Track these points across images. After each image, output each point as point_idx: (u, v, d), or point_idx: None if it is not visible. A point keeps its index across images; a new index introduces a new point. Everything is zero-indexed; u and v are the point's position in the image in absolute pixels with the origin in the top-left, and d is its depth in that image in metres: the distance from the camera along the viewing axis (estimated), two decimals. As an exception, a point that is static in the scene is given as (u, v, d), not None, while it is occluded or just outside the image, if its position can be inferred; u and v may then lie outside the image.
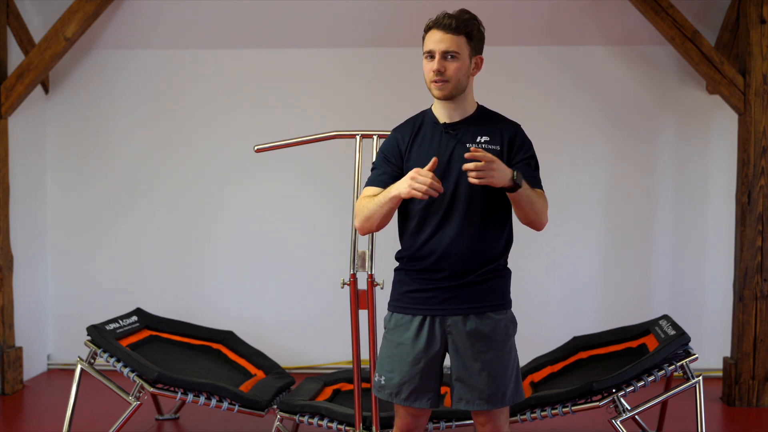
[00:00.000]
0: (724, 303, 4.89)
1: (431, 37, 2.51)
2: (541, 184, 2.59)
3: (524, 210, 2.48)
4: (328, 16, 4.88)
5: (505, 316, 2.58)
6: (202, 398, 3.46)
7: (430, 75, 2.51)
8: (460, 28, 2.49)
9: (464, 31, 2.50)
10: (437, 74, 2.49)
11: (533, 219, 2.51)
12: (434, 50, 2.49)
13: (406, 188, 2.38)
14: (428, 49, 2.51)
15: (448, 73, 2.49)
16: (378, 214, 2.50)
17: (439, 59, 2.49)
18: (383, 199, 2.47)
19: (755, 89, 4.37)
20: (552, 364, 3.93)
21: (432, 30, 2.51)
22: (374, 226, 2.54)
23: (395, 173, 2.57)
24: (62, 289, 5.24)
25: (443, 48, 2.48)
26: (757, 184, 4.39)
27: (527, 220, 2.52)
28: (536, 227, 2.55)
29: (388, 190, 2.47)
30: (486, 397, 2.52)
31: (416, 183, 2.36)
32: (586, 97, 5.06)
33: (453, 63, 2.49)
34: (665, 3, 4.36)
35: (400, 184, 2.42)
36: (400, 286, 2.63)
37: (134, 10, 4.87)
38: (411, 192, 2.37)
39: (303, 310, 5.15)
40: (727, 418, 4.28)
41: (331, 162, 4.85)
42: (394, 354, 2.58)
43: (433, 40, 2.50)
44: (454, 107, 2.57)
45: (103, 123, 5.19)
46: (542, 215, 2.52)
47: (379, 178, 2.58)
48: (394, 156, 2.59)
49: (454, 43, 2.49)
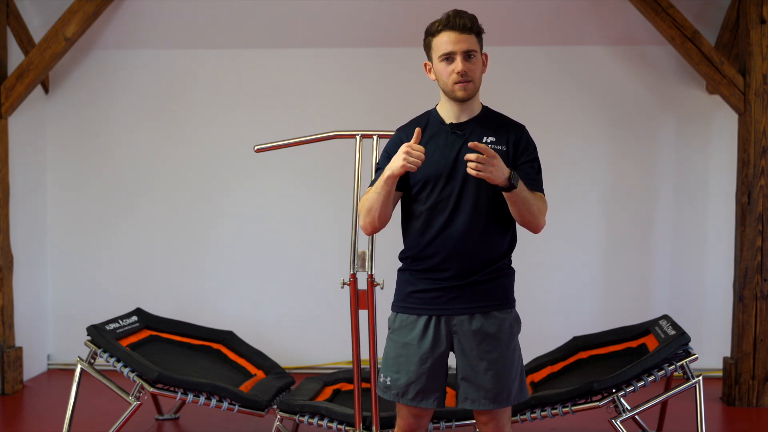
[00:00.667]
0: (724, 303, 4.89)
1: (446, 38, 2.48)
2: (543, 187, 2.59)
3: (519, 211, 2.47)
4: (328, 16, 4.88)
5: (510, 315, 2.59)
6: (202, 398, 3.46)
7: (453, 77, 2.49)
8: (473, 27, 2.50)
9: (476, 30, 2.51)
10: (462, 75, 2.48)
11: (529, 221, 2.51)
12: (455, 51, 2.47)
13: (400, 163, 2.38)
14: (447, 51, 2.48)
15: (471, 73, 2.49)
16: (377, 203, 2.49)
17: (461, 60, 2.47)
18: (378, 185, 2.47)
19: (755, 89, 4.37)
20: (552, 364, 3.93)
21: (444, 32, 2.49)
22: (376, 218, 2.52)
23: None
24: (62, 289, 5.24)
25: (464, 48, 2.47)
26: (757, 184, 4.39)
27: (523, 221, 2.52)
28: (532, 229, 2.55)
29: (381, 175, 2.47)
30: (492, 396, 2.52)
31: (411, 157, 2.37)
32: (586, 97, 5.06)
33: (473, 63, 2.50)
34: (665, 3, 4.36)
35: (393, 163, 2.41)
36: (404, 287, 2.62)
37: (134, 10, 4.87)
38: (406, 166, 2.38)
39: (303, 310, 5.15)
40: (727, 418, 4.28)
41: (331, 162, 4.85)
42: (400, 354, 2.57)
43: (451, 41, 2.47)
44: (463, 108, 2.56)
45: (103, 123, 5.19)
46: (538, 218, 2.51)
47: None
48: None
49: (472, 42, 2.49)
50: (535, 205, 2.48)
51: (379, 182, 2.48)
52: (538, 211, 2.49)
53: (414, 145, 2.39)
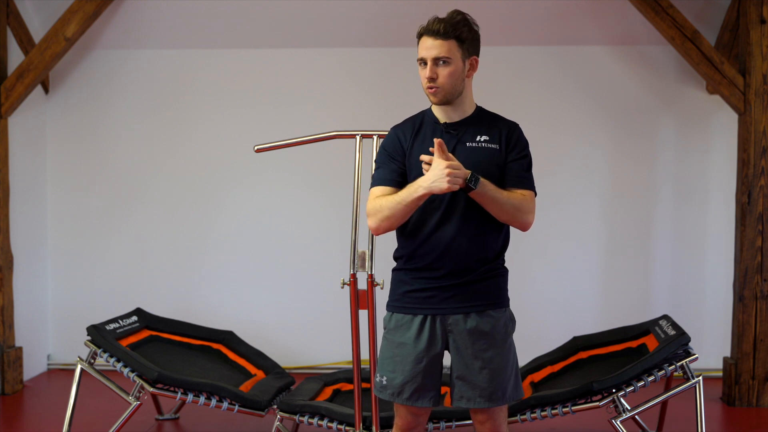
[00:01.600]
0: (724, 303, 4.89)
1: (423, 44, 2.52)
2: (533, 184, 2.59)
3: (491, 210, 2.49)
4: (328, 16, 4.88)
5: (505, 314, 2.59)
6: (202, 398, 3.46)
7: (424, 82, 2.53)
8: (449, 32, 2.48)
9: (454, 35, 2.49)
10: (430, 81, 2.51)
11: (505, 219, 2.52)
12: (425, 57, 2.50)
13: (445, 185, 2.35)
14: (420, 57, 2.52)
15: (440, 79, 2.50)
16: (401, 213, 2.49)
17: (431, 66, 2.50)
18: (408, 198, 2.45)
19: (755, 89, 4.37)
20: (552, 364, 3.93)
21: (423, 37, 2.52)
22: (393, 225, 2.54)
23: (401, 170, 2.57)
24: (62, 289, 5.24)
25: (434, 54, 2.49)
26: (757, 184, 4.39)
27: (501, 220, 2.53)
28: (518, 227, 2.56)
29: (413, 189, 2.44)
30: (487, 395, 2.53)
31: (457, 178, 2.36)
32: (586, 97, 5.06)
33: (445, 68, 2.50)
34: (665, 3, 4.36)
35: (434, 183, 2.38)
36: (399, 286, 2.63)
37: (134, 10, 4.87)
38: (451, 187, 2.37)
39: (303, 310, 5.15)
40: (727, 418, 4.28)
41: (331, 162, 4.85)
42: (395, 354, 2.58)
43: (424, 47, 2.51)
44: (452, 109, 2.58)
45: (103, 123, 5.19)
46: (516, 217, 2.51)
47: (388, 176, 2.57)
48: (398, 153, 2.59)
49: (444, 48, 2.48)
50: (507, 204, 2.48)
51: (410, 195, 2.45)
52: (514, 209, 2.49)
53: (454, 164, 2.38)
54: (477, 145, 2.55)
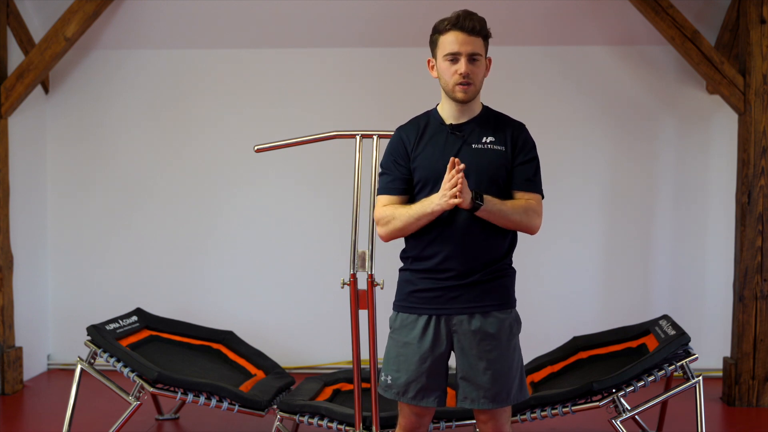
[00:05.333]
0: (724, 303, 4.89)
1: (453, 38, 2.48)
2: (540, 188, 2.60)
3: (499, 223, 2.51)
4: (328, 16, 4.88)
5: (510, 315, 2.59)
6: (202, 398, 3.46)
7: (455, 78, 2.50)
8: (481, 30, 2.50)
9: (483, 34, 2.51)
10: (464, 77, 2.48)
11: (513, 228, 2.55)
12: (461, 52, 2.48)
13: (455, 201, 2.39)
14: (452, 51, 2.48)
15: (473, 76, 2.50)
16: (414, 226, 2.52)
17: (466, 62, 2.48)
18: (421, 213, 2.48)
19: (755, 89, 4.37)
20: (552, 364, 3.93)
21: (452, 31, 2.49)
22: (404, 235, 2.58)
23: (406, 176, 2.58)
24: (62, 289, 5.24)
25: (470, 50, 2.48)
26: (757, 184, 4.39)
27: (510, 228, 2.55)
28: (525, 232, 2.57)
29: (427, 205, 2.47)
30: (491, 396, 2.53)
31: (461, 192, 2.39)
32: (586, 97, 5.06)
33: (477, 66, 2.50)
34: (665, 3, 4.36)
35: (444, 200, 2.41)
36: (405, 286, 2.63)
37: (134, 10, 4.87)
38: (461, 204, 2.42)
39: (303, 310, 5.15)
40: (727, 418, 4.28)
41: (331, 162, 4.85)
42: (400, 354, 2.58)
43: (457, 42, 2.47)
44: (464, 108, 2.57)
45: (103, 123, 5.19)
46: (522, 225, 2.53)
47: (392, 185, 2.59)
48: (402, 157, 2.59)
49: (478, 45, 2.50)
50: (514, 214, 2.49)
51: (422, 211, 2.48)
52: (520, 219, 2.51)
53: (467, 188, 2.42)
54: (482, 147, 2.54)
